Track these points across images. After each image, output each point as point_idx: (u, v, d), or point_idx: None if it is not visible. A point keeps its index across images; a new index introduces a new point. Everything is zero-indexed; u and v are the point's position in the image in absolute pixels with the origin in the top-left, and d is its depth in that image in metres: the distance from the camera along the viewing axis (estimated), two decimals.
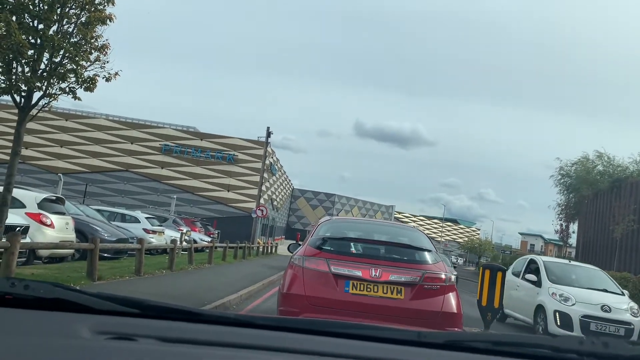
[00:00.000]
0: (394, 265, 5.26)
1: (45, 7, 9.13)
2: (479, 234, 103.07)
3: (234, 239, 25.09)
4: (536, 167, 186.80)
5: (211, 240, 22.57)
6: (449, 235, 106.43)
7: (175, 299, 8.05)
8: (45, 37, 9.10)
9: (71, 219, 11.98)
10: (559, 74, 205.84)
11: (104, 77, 9.88)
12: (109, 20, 9.80)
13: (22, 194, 10.95)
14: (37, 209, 10.82)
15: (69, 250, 11.45)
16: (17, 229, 9.06)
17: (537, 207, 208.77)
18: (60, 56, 9.47)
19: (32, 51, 9.21)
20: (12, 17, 8.89)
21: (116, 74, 9.96)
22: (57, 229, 10.98)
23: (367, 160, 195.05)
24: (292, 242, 8.91)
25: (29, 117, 9.67)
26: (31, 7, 9.12)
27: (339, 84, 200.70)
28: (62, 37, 9.38)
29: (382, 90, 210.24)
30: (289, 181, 72.18)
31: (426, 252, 5.57)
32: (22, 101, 9.47)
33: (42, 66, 9.36)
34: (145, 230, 17.86)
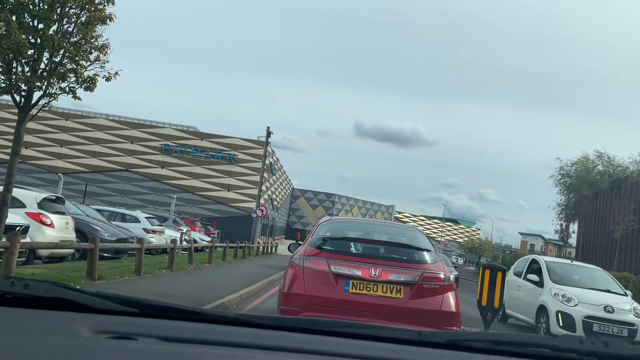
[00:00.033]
0: (393, 264, 5.29)
1: (45, 7, 9.13)
2: (479, 234, 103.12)
3: (234, 239, 25.09)
4: (536, 167, 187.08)
5: (211, 240, 22.56)
6: (449, 235, 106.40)
7: (175, 298, 8.05)
8: (45, 37, 9.10)
9: (71, 218, 11.98)
10: (559, 74, 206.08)
11: (104, 77, 9.89)
12: (109, 19, 9.81)
13: (22, 193, 10.94)
14: (37, 208, 10.82)
15: (69, 250, 11.45)
16: (17, 229, 9.06)
17: (537, 207, 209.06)
18: (60, 56, 9.47)
19: (32, 51, 9.20)
20: (12, 17, 8.89)
21: (116, 73, 9.97)
22: (57, 229, 10.98)
23: (367, 160, 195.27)
24: (292, 242, 8.93)
25: (29, 117, 9.67)
26: (31, 6, 9.12)
27: (339, 84, 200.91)
28: (62, 36, 9.38)
29: (382, 90, 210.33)
30: (289, 181, 72.18)
31: (425, 252, 5.61)
32: (22, 101, 9.47)
33: (42, 66, 9.36)
34: (145, 230, 17.86)
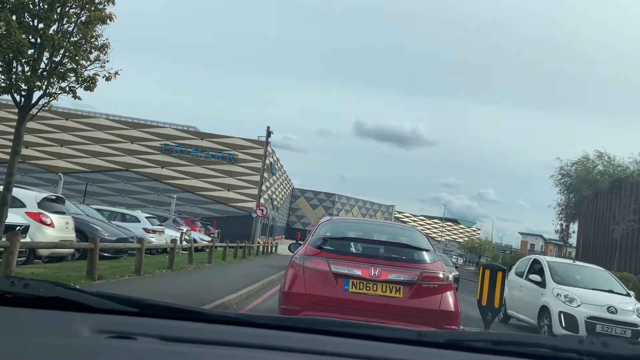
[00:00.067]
0: (392, 264, 5.33)
1: (45, 7, 9.13)
2: (479, 234, 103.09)
3: (234, 239, 25.10)
4: (536, 167, 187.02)
5: (211, 239, 22.55)
6: (449, 235, 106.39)
7: (175, 298, 8.05)
8: (45, 37, 9.10)
9: (71, 218, 11.98)
10: (559, 74, 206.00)
11: (104, 77, 9.88)
12: (109, 19, 9.80)
13: (22, 193, 10.94)
14: (37, 208, 10.82)
15: (69, 249, 11.46)
16: (17, 229, 9.06)
17: (537, 207, 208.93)
18: (60, 55, 9.46)
19: (32, 50, 9.20)
20: (12, 17, 8.88)
21: (116, 73, 9.97)
22: (57, 229, 10.98)
23: (367, 160, 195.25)
24: (292, 242, 8.97)
25: (29, 117, 9.67)
26: (31, 6, 9.12)
27: (339, 84, 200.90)
28: (62, 36, 9.38)
29: (382, 90, 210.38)
30: (289, 181, 72.18)
31: (424, 252, 5.65)
32: (22, 100, 9.47)
33: (42, 65, 9.35)
34: (145, 229, 17.86)
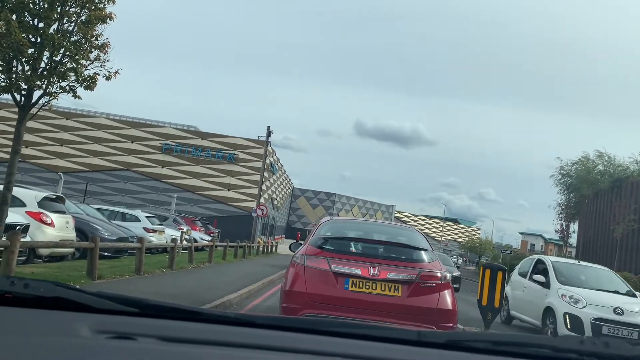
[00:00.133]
0: (391, 263, 5.43)
1: (45, 6, 9.12)
2: (479, 234, 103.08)
3: (234, 238, 25.11)
4: (536, 167, 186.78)
5: (211, 239, 22.56)
6: (449, 235, 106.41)
7: (175, 298, 8.06)
8: (45, 36, 9.09)
9: (71, 217, 11.99)
10: (559, 74, 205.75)
11: (104, 76, 9.87)
12: (109, 19, 9.79)
13: (22, 192, 10.94)
14: (38, 207, 10.82)
15: (69, 249, 11.46)
16: (17, 228, 9.06)
17: (538, 206, 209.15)
18: (60, 55, 9.46)
19: (32, 50, 9.20)
20: (12, 16, 8.88)
21: (116, 72, 9.96)
22: (57, 228, 10.98)
23: (367, 159, 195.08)
24: (292, 242, 9.02)
25: (29, 116, 9.66)
26: (31, 5, 9.11)
27: (339, 84, 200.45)
28: (62, 35, 9.37)
29: (382, 90, 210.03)
30: (289, 180, 72.20)
31: (423, 252, 5.75)
32: (22, 100, 9.47)
33: (42, 65, 9.35)
34: (145, 229, 17.87)
